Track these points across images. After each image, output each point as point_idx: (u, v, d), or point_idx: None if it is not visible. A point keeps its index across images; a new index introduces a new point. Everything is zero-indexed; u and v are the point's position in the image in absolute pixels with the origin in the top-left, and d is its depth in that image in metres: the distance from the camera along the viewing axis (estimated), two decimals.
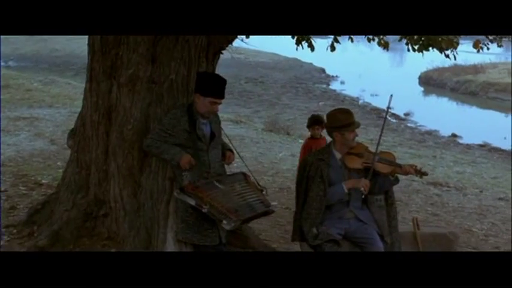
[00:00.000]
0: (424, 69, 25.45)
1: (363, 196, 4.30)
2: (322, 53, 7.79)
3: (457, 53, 6.88)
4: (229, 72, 25.12)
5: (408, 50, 6.18)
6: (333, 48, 5.87)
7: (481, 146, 15.11)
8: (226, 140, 4.63)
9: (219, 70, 4.85)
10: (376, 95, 21.41)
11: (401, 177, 10.36)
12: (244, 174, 4.46)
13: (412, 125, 17.47)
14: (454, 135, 16.08)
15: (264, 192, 4.43)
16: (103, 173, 4.67)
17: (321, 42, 6.46)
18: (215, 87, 4.09)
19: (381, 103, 19.97)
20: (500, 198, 8.55)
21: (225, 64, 26.29)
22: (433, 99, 23.21)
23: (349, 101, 20.54)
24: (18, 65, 25.07)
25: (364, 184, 4.20)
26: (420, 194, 8.31)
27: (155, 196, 4.50)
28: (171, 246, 4.37)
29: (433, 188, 8.77)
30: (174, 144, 4.15)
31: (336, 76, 25.91)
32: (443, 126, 16.81)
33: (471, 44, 6.80)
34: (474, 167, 11.78)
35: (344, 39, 6.67)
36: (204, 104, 4.07)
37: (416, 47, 6.03)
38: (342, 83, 24.61)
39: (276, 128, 12.49)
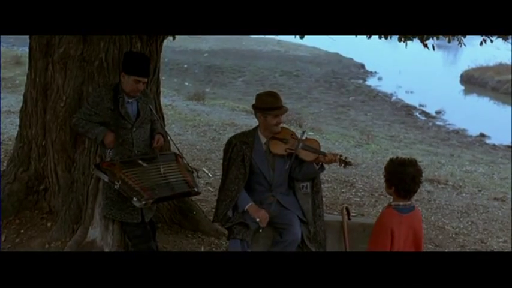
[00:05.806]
0: (466, 68, 24.64)
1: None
2: (367, 49, 7.18)
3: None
4: (266, 65, 25.17)
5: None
6: None
7: (508, 147, 14.57)
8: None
9: (259, 63, 4.72)
10: (411, 92, 20.93)
11: None
12: (176, 154, 4.50)
13: (441, 123, 17.00)
14: (482, 135, 15.57)
15: (194, 174, 4.46)
16: (42, 149, 4.82)
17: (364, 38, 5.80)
18: (138, 65, 4.13)
19: (414, 100, 19.57)
20: (495, 199, 8.23)
21: (264, 57, 26.42)
22: (472, 98, 22.47)
23: (381, 96, 20.10)
24: None
25: (261, 216, 4.18)
26: None
27: (87, 172, 4.61)
28: (97, 222, 4.47)
29: (427, 185, 8.52)
30: (98, 122, 4.22)
31: (375, 72, 25.37)
32: (473, 126, 16.29)
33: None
34: (491, 167, 11.35)
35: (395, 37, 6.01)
36: (128, 82, 4.12)
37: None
38: (380, 79, 24.05)
39: (288, 120, 12.41)
